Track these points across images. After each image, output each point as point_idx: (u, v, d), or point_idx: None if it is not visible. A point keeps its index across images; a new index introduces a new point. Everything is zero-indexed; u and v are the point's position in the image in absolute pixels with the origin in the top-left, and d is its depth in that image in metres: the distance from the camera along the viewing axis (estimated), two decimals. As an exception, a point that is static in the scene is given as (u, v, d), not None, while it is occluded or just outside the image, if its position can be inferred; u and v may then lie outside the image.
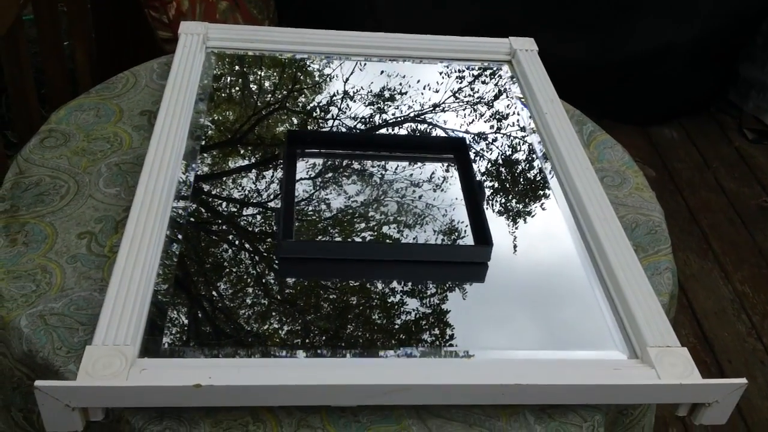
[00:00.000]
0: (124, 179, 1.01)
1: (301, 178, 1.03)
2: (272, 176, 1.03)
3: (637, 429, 0.94)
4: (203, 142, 1.06)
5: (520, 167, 1.10)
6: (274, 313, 0.84)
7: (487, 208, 1.02)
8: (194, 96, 1.13)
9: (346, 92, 1.21)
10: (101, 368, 0.72)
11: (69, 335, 0.81)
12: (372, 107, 1.18)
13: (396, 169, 1.07)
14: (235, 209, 0.97)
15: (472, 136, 1.15)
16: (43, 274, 0.87)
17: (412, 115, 1.18)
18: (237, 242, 0.92)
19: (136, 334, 0.76)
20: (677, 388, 0.77)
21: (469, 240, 0.97)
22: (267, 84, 1.21)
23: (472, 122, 1.18)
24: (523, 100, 1.23)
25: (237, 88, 1.19)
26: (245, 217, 0.96)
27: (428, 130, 1.15)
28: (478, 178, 1.06)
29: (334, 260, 0.92)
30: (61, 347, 0.79)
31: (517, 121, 1.19)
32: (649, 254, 0.99)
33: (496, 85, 1.27)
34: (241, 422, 0.75)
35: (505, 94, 1.25)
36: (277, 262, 0.91)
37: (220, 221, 0.95)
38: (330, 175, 1.04)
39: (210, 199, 0.98)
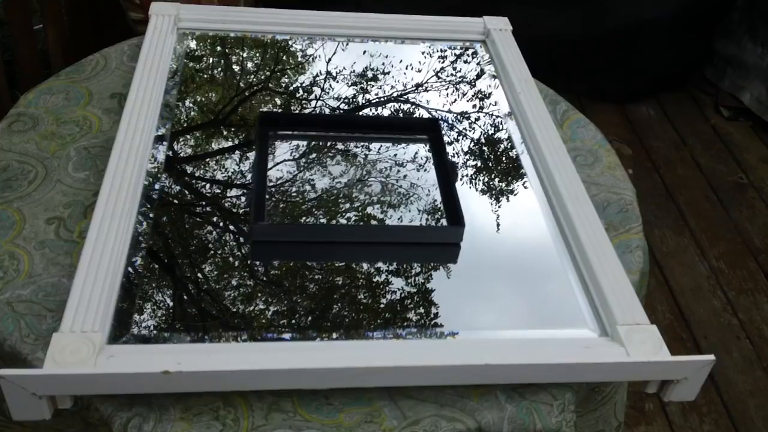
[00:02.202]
0: (94, 163, 1.00)
1: (277, 162, 1.02)
2: (245, 158, 1.02)
3: (609, 406, 0.95)
4: (174, 125, 1.05)
5: (493, 147, 1.10)
6: (245, 297, 0.83)
7: (460, 188, 1.01)
8: (165, 78, 1.11)
9: (321, 72, 1.20)
10: (68, 355, 0.71)
11: (37, 322, 0.80)
12: (347, 88, 1.18)
13: (369, 150, 1.06)
14: (207, 192, 0.96)
15: (447, 116, 1.15)
16: (10, 261, 0.86)
17: (387, 95, 1.17)
18: (209, 226, 0.92)
19: (105, 321, 0.76)
20: (646, 365, 0.78)
21: (443, 221, 0.97)
22: (240, 64, 1.20)
23: (446, 102, 1.18)
24: (497, 79, 1.23)
25: (209, 69, 1.18)
26: (217, 200, 0.95)
27: (403, 111, 1.15)
28: (451, 159, 1.06)
29: (306, 242, 0.92)
30: (29, 334, 0.79)
31: (491, 101, 1.19)
32: (621, 232, 1.00)
33: (470, 64, 1.26)
34: (211, 407, 0.75)
35: (479, 74, 1.24)
36: (249, 245, 0.90)
37: (191, 205, 0.94)
38: (302, 156, 1.04)
39: (181, 182, 0.97)
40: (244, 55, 1.22)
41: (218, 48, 1.23)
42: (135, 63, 1.12)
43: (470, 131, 1.12)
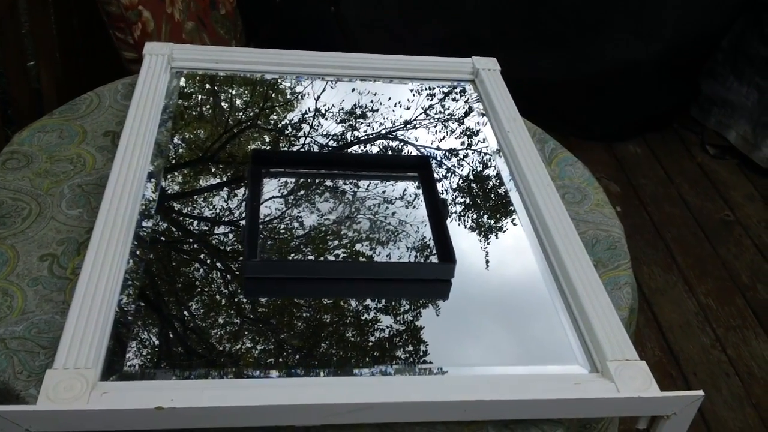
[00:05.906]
0: (87, 200, 1.01)
1: (267, 198, 1.03)
2: (238, 195, 1.03)
3: (600, 442, 0.95)
4: (168, 162, 1.06)
5: (483, 185, 1.11)
6: (238, 333, 0.84)
7: (451, 224, 1.03)
8: (158, 116, 1.13)
9: (313, 110, 1.22)
10: (62, 392, 0.71)
11: (30, 359, 0.80)
12: (338, 125, 1.19)
13: (361, 187, 1.08)
14: (200, 229, 0.97)
15: (437, 154, 1.16)
16: (4, 298, 0.86)
17: (378, 133, 1.19)
18: (202, 262, 0.92)
19: (98, 357, 0.76)
20: (636, 401, 0.78)
21: (433, 257, 0.98)
22: (233, 102, 1.22)
23: (436, 140, 1.19)
24: (486, 118, 1.25)
25: (202, 107, 1.19)
26: (210, 237, 0.96)
27: (394, 148, 1.17)
28: (442, 196, 1.07)
29: (299, 279, 0.93)
30: (22, 371, 0.79)
31: (480, 139, 1.21)
32: (609, 269, 1.01)
33: (460, 103, 1.29)
34: (204, 443, 0.75)
35: (469, 113, 1.26)
36: (242, 281, 0.91)
37: (184, 241, 0.95)
38: (295, 193, 1.05)
39: (174, 219, 0.98)
40: (236, 93, 1.24)
41: (210, 87, 1.24)
42: (128, 101, 1.14)
43: (460, 169, 1.14)
